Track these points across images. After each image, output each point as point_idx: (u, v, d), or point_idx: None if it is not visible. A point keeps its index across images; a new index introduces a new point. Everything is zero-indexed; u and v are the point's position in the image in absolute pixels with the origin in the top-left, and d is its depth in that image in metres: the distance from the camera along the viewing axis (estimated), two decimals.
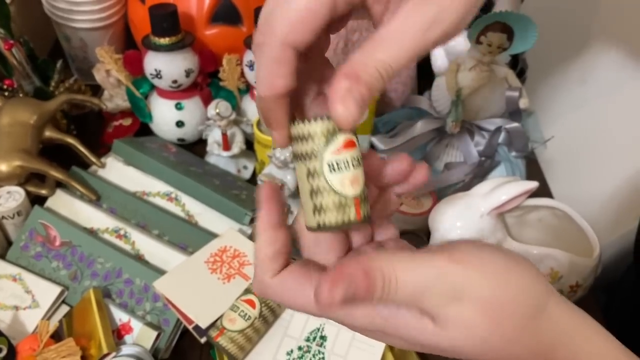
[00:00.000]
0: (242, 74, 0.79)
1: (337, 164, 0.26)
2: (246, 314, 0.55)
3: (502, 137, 0.70)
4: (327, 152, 0.26)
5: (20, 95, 0.78)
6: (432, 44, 0.25)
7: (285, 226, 0.29)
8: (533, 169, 0.82)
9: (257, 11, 0.74)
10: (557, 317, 0.27)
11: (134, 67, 0.77)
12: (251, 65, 0.76)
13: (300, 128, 0.27)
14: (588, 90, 1.06)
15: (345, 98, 0.24)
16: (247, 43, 0.76)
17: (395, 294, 0.25)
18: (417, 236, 0.64)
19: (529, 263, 0.28)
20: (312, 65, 0.29)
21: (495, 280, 0.26)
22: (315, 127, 0.26)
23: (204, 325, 0.56)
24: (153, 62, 0.75)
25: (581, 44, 1.03)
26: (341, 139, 0.26)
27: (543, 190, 0.79)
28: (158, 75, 0.75)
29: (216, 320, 0.56)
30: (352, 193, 0.27)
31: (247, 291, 0.57)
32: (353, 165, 0.27)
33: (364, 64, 0.25)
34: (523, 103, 0.68)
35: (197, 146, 0.83)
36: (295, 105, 0.29)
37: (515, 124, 0.68)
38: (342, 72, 0.25)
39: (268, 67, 0.26)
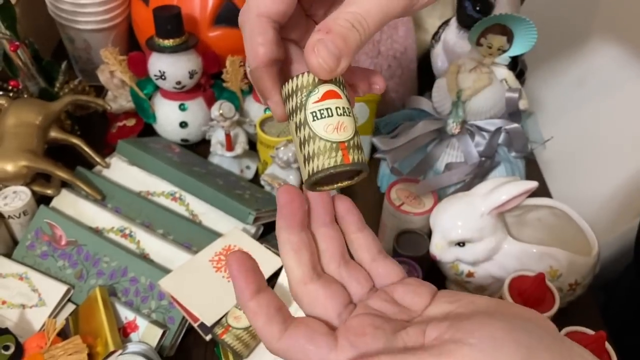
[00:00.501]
0: (245, 75, 0.79)
1: (320, 111, 0.27)
2: None
3: (502, 138, 0.71)
4: (309, 102, 0.28)
5: (25, 96, 0.79)
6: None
7: (265, 287, 0.28)
8: (532, 169, 0.83)
9: None
10: None
11: (138, 69, 0.77)
12: None
13: (285, 87, 0.29)
14: (586, 90, 1.07)
15: (317, 48, 0.26)
16: None
17: None
18: (419, 235, 0.65)
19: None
20: (299, 36, 0.31)
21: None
22: (297, 81, 0.28)
23: (209, 322, 0.57)
24: (157, 63, 0.75)
25: (579, 45, 1.04)
26: (322, 89, 0.28)
27: (542, 190, 0.80)
28: (162, 76, 0.75)
29: (221, 318, 0.57)
30: (337, 138, 0.27)
31: None
32: (337, 113, 0.28)
33: (334, 17, 0.27)
34: (523, 104, 0.69)
35: (200, 146, 0.84)
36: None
37: (515, 125, 0.69)
38: (316, 28, 0.27)
39: (249, 39, 0.28)
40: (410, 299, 0.29)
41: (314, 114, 0.27)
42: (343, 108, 0.28)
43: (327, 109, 0.27)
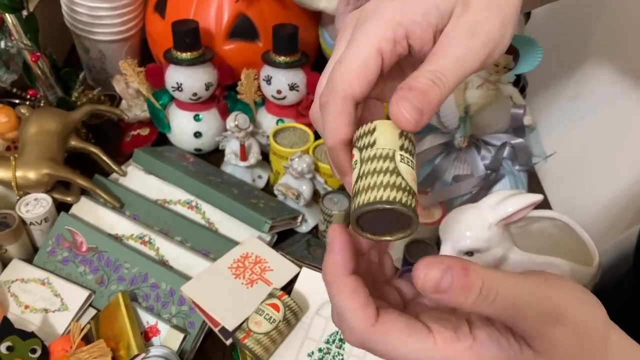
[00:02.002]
0: (259, 88, 0.82)
1: (408, 158, 0.29)
2: (271, 317, 0.58)
3: (506, 152, 0.74)
4: (402, 150, 0.29)
5: (42, 104, 0.81)
6: (478, 53, 0.29)
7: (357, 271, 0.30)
8: (533, 181, 0.86)
9: (275, 28, 0.78)
10: (618, 343, 0.29)
11: (156, 80, 0.80)
12: (268, 80, 0.80)
13: (365, 126, 0.30)
14: (583, 104, 1.10)
15: (401, 103, 0.28)
16: (265, 58, 0.79)
17: (491, 303, 0.25)
18: (428, 244, 0.68)
19: (591, 294, 0.29)
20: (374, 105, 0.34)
21: (584, 306, 0.28)
22: (384, 124, 0.29)
23: (230, 327, 0.59)
24: (175, 75, 0.78)
25: (577, 61, 1.08)
26: (406, 142, 0.29)
27: (542, 201, 0.84)
28: (179, 88, 0.78)
29: (242, 323, 0.59)
30: (413, 186, 0.28)
31: (272, 295, 0.60)
32: (415, 166, 0.29)
33: (415, 76, 0.29)
34: (527, 120, 0.72)
35: (212, 156, 0.86)
36: None
37: (519, 140, 0.72)
38: (398, 87, 0.29)
39: (333, 119, 0.30)
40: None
41: (403, 157, 0.28)
42: (414, 163, 0.29)
43: (412, 158, 0.29)
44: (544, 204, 0.84)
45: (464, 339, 0.27)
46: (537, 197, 0.62)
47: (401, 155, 0.28)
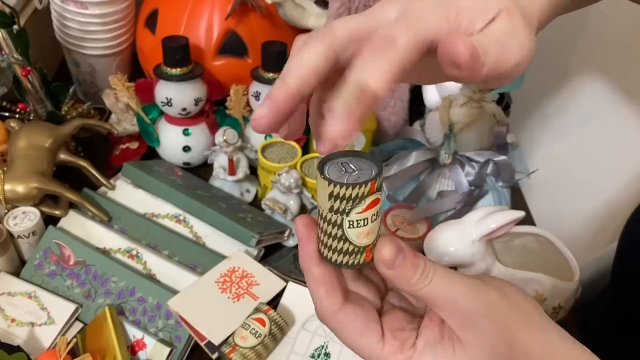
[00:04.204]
0: (248, 103, 0.83)
1: (357, 222, 0.30)
2: (257, 331, 0.58)
3: (490, 168, 0.75)
4: (353, 212, 0.30)
5: (32, 118, 0.81)
6: None
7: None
8: (516, 197, 0.88)
9: (264, 46, 0.79)
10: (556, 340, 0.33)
11: (145, 95, 0.81)
12: (257, 96, 0.81)
13: (335, 188, 0.30)
14: (565, 121, 1.13)
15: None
16: (254, 75, 0.81)
17: (429, 282, 0.30)
18: None
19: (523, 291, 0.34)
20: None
21: (507, 299, 0.32)
22: (349, 191, 0.29)
23: (216, 341, 0.60)
24: (164, 90, 0.79)
25: (560, 79, 1.10)
26: (369, 199, 0.30)
27: (525, 217, 0.85)
28: (169, 103, 0.79)
29: (228, 337, 0.60)
30: (366, 243, 0.31)
31: (258, 310, 0.60)
32: (371, 220, 0.31)
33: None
34: (510, 138, 0.74)
35: (201, 170, 0.87)
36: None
37: (502, 157, 0.74)
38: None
39: (388, 70, 0.28)
40: None
41: (352, 223, 0.30)
42: (377, 213, 0.31)
43: (364, 219, 0.30)
44: (527, 220, 0.85)
45: (407, 351, 0.31)
46: (519, 214, 0.64)
47: (372, 216, 0.30)
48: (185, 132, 0.83)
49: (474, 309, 0.30)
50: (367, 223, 0.30)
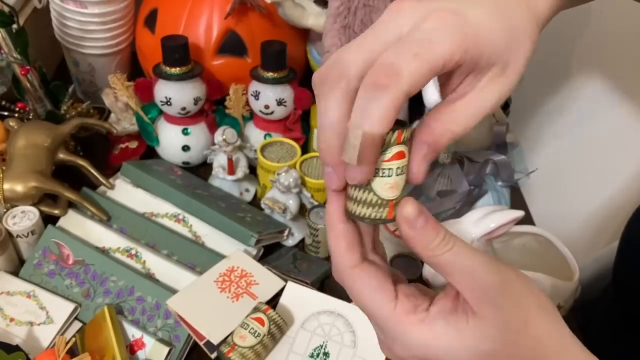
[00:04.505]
0: (247, 103, 0.83)
1: (383, 170, 0.30)
2: (256, 331, 0.58)
3: (489, 168, 0.75)
4: (379, 160, 0.30)
5: (31, 117, 0.81)
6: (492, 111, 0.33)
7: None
8: (516, 196, 0.87)
9: (263, 45, 0.79)
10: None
11: (145, 94, 0.81)
12: (256, 95, 0.81)
13: None
14: (565, 121, 1.13)
15: (422, 162, 0.31)
16: (253, 74, 0.81)
17: (450, 249, 0.30)
18: (412, 259, 0.69)
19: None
20: None
21: (525, 283, 0.32)
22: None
23: (215, 341, 0.59)
24: (164, 90, 0.79)
25: (559, 79, 1.10)
26: (395, 149, 0.30)
27: (525, 217, 0.85)
28: (168, 102, 0.79)
29: (227, 337, 0.60)
30: (389, 196, 0.31)
31: (257, 310, 0.60)
32: (396, 173, 0.31)
33: (440, 135, 0.31)
34: (509, 137, 0.74)
35: (200, 169, 0.87)
36: None
37: (502, 157, 0.74)
38: (424, 139, 0.31)
39: (389, 108, 0.28)
40: None
41: (377, 171, 0.30)
42: (402, 168, 0.31)
43: (389, 169, 0.30)
44: (527, 219, 0.85)
45: (419, 314, 0.32)
46: (518, 213, 0.64)
47: (397, 168, 0.31)
48: (185, 132, 0.83)
49: (492, 282, 0.30)
50: (392, 175, 0.30)
